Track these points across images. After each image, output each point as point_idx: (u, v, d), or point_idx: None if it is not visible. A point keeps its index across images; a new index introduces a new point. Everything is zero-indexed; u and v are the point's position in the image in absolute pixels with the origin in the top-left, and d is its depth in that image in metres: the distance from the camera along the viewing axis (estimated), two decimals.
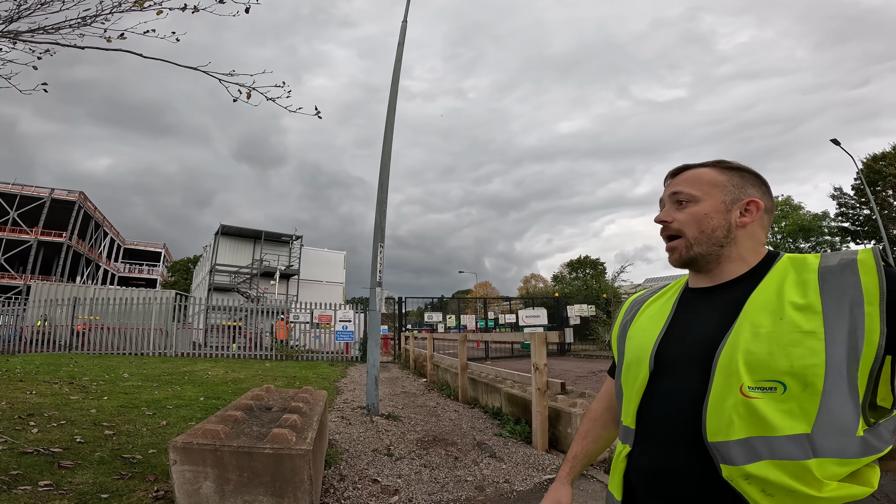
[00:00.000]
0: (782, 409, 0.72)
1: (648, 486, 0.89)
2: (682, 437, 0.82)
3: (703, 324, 0.86)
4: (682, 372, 0.85)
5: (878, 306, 0.70)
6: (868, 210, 28.42)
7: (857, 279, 0.73)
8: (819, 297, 0.74)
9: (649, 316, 0.99)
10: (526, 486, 3.40)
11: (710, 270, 0.91)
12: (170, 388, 7.10)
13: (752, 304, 0.80)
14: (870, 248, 0.77)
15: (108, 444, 3.69)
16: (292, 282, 30.37)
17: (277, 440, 2.41)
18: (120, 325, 15.03)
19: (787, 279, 0.80)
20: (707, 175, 0.92)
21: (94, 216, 38.94)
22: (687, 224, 0.91)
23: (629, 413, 0.93)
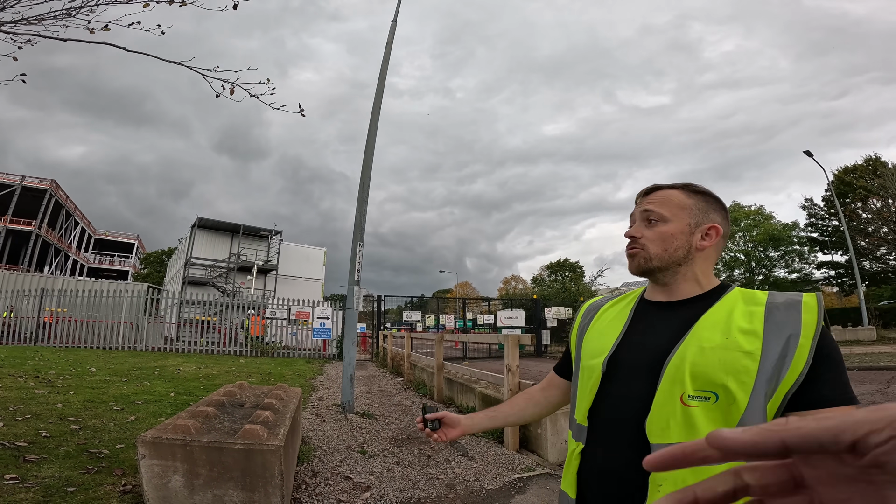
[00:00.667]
0: (711, 417, 0.80)
1: (598, 484, 0.93)
2: (629, 438, 0.88)
3: (657, 335, 0.94)
4: (633, 377, 0.92)
5: (812, 340, 0.79)
6: (837, 221, 29.51)
7: (799, 316, 0.82)
8: (763, 325, 0.83)
9: (607, 321, 1.05)
10: (495, 485, 3.47)
11: (667, 285, 0.99)
12: (139, 383, 6.97)
13: (703, 323, 0.88)
14: (815, 293, 0.86)
15: (74, 439, 3.62)
16: (270, 277, 29.94)
17: (248, 436, 2.42)
18: (88, 318, 14.60)
19: (737, 307, 0.89)
20: (676, 197, 1.00)
21: (65, 205, 37.69)
22: (653, 241, 0.98)
23: (582, 412, 0.99)
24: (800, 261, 35.07)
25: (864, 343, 16.97)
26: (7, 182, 33.04)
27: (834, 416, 0.26)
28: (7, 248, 33.14)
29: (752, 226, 35.89)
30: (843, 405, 0.78)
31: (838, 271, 33.47)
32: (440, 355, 7.34)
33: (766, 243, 34.88)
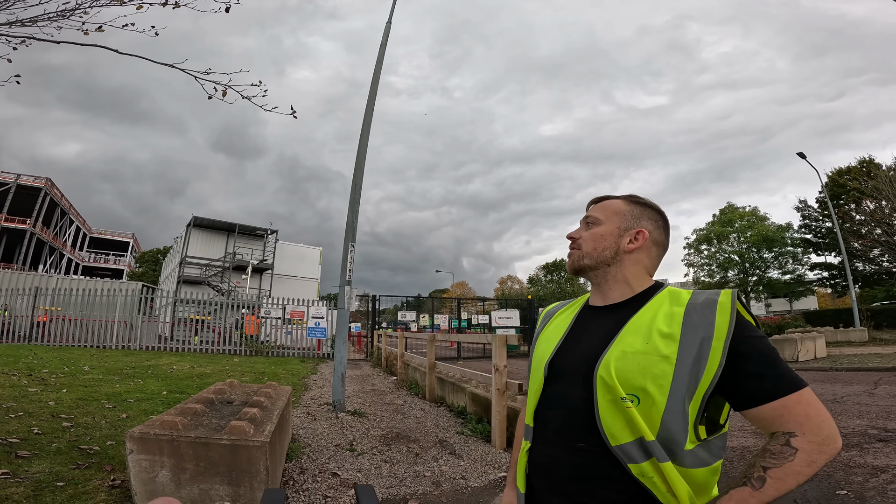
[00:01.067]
0: (643, 417, 0.86)
1: (543, 479, 1.00)
2: (566, 437, 0.95)
3: (590, 339, 1.00)
4: (570, 381, 0.98)
5: (724, 342, 0.84)
6: (830, 223, 29.69)
7: (713, 317, 0.87)
8: (680, 328, 0.88)
9: (554, 327, 1.12)
10: (481, 483, 3.53)
11: (599, 286, 1.06)
12: (132, 381, 7.00)
13: (628, 328, 0.94)
14: (731, 291, 0.90)
15: (65, 436, 3.66)
16: (265, 276, 29.93)
17: (235, 432, 2.47)
18: (82, 317, 14.60)
19: (661, 309, 0.94)
20: (614, 205, 1.08)
21: (60, 203, 37.55)
22: (586, 241, 1.07)
23: (529, 413, 1.06)
24: (793, 262, 35.26)
25: (855, 344, 17.11)
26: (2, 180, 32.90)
27: None
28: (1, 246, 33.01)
29: (747, 227, 36.05)
30: (769, 400, 0.83)
31: (831, 273, 33.67)
32: (432, 355, 7.39)
33: (760, 244, 35.04)
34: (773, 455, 0.81)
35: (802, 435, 0.80)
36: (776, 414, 0.83)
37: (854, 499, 3.13)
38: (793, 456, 0.80)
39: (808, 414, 0.82)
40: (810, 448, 0.79)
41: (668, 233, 1.10)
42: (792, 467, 0.79)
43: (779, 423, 0.83)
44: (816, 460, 0.79)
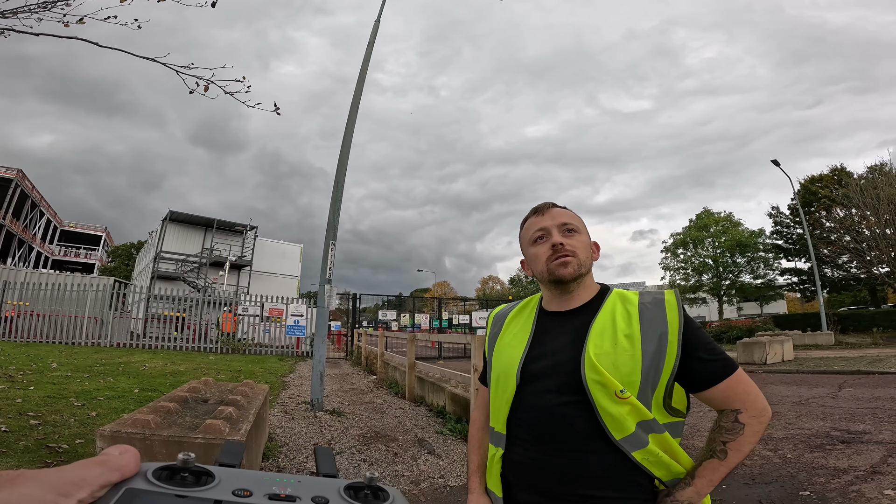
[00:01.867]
0: (637, 402, 0.95)
1: (523, 481, 1.03)
2: (551, 440, 0.99)
3: (559, 344, 1.05)
4: (545, 387, 1.02)
5: (678, 335, 0.96)
6: (801, 229, 30.62)
7: (664, 314, 0.99)
8: (639, 327, 0.99)
9: (513, 334, 1.14)
10: (459, 482, 3.54)
11: (572, 293, 1.10)
12: (102, 379, 6.81)
13: (594, 330, 1.01)
14: (673, 290, 1.04)
15: (33, 434, 3.56)
16: (244, 273, 29.38)
17: (210, 431, 2.43)
18: (51, 312, 14.12)
19: (617, 310, 1.03)
20: (575, 216, 1.15)
21: (31, 195, 36.20)
22: (580, 249, 1.09)
23: (500, 420, 1.08)
24: (765, 267, 36.31)
25: (822, 347, 17.68)
26: None
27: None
28: None
29: (721, 232, 36.96)
30: (716, 382, 0.97)
31: (801, 278, 34.77)
32: (412, 355, 7.38)
33: (734, 249, 35.97)
34: (728, 431, 0.96)
35: (746, 411, 0.96)
36: (723, 395, 0.98)
37: (816, 499, 3.20)
38: (742, 430, 0.95)
39: (746, 392, 0.98)
40: (753, 421, 0.96)
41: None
42: (743, 439, 0.95)
43: (726, 402, 0.98)
44: (758, 430, 0.96)
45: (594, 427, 0.95)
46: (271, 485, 0.36)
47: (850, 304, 34.12)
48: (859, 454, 4.19)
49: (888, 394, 7.34)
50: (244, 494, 0.34)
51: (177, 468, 0.35)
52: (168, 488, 0.33)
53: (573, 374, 0.97)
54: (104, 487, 0.30)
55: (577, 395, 0.96)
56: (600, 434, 0.94)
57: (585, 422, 0.95)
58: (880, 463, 3.94)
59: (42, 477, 0.27)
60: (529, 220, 1.16)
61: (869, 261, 26.07)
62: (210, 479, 0.35)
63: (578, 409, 0.96)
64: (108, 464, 0.31)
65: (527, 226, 1.16)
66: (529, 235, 1.14)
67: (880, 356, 12.72)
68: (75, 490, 0.27)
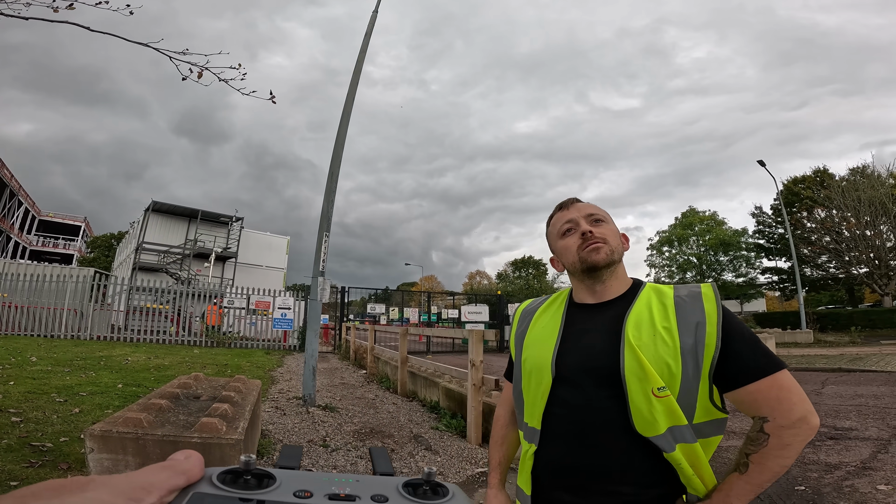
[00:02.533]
0: (672, 404, 0.90)
1: (554, 478, 1.00)
2: (582, 435, 0.96)
3: (592, 337, 1.02)
4: (580, 379, 0.98)
5: (717, 326, 0.91)
6: (783, 229, 31.22)
7: (702, 305, 0.94)
8: (675, 319, 0.94)
9: (542, 327, 1.11)
10: (459, 479, 3.50)
11: (604, 282, 1.07)
12: (83, 373, 6.60)
13: (630, 321, 0.97)
14: (710, 283, 0.99)
15: (15, 432, 3.40)
16: (229, 265, 28.91)
17: (206, 429, 2.33)
18: (30, 304, 13.68)
19: (653, 303, 0.99)
20: (600, 208, 1.13)
21: (9, 184, 35.07)
22: (610, 236, 1.07)
23: (534, 416, 1.04)
24: (746, 265, 37.01)
25: (801, 345, 18.08)
26: None
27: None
28: None
29: (706, 231, 37.57)
30: (763, 376, 0.89)
31: (781, 277, 35.52)
32: (404, 349, 7.30)
33: (718, 248, 36.60)
34: (752, 441, 0.89)
35: (773, 419, 0.87)
36: (751, 398, 0.89)
37: (812, 494, 3.27)
38: (766, 441, 0.86)
39: (779, 398, 0.87)
40: (781, 433, 0.86)
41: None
42: (768, 452, 0.86)
43: (754, 406, 0.90)
44: (790, 443, 0.85)
45: (629, 422, 0.92)
46: (330, 485, 0.36)
47: (827, 304, 34.97)
48: (848, 450, 4.27)
49: (870, 391, 7.50)
50: (305, 496, 0.34)
51: (239, 471, 0.36)
52: (232, 492, 0.33)
53: (611, 366, 0.94)
54: (172, 492, 0.31)
55: (614, 389, 0.93)
56: (634, 430, 0.91)
57: (620, 417, 0.93)
58: (870, 458, 4.03)
59: (112, 482, 0.27)
60: (555, 215, 1.16)
61: (848, 261, 26.74)
62: (271, 481, 0.36)
63: (614, 403, 0.93)
64: (174, 468, 0.32)
65: (553, 221, 1.16)
66: (557, 229, 1.13)
67: (860, 354, 13.04)
68: (144, 495, 0.28)
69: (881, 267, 24.92)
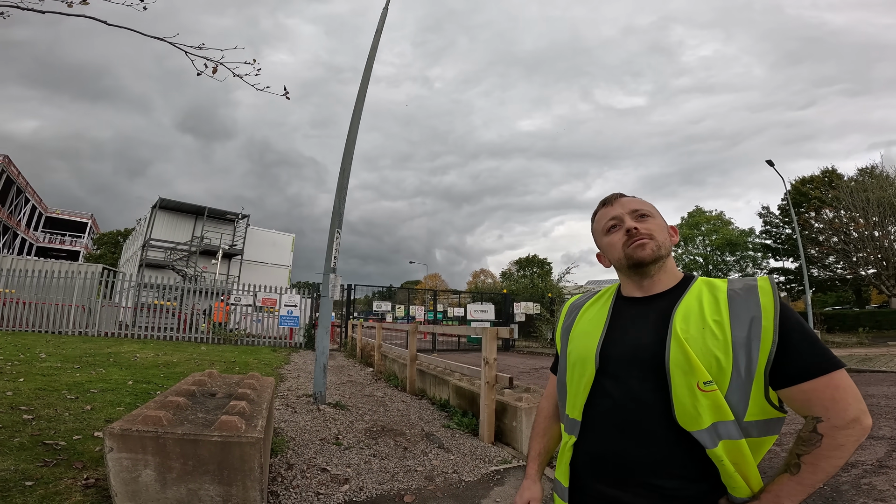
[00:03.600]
0: (718, 399, 0.88)
1: (593, 470, 1.00)
2: (631, 428, 0.95)
3: (638, 329, 1.01)
4: (625, 372, 0.98)
5: (773, 320, 0.87)
6: (790, 230, 31.01)
7: (757, 299, 0.91)
8: (728, 313, 0.92)
9: (588, 320, 1.12)
10: (474, 477, 3.46)
11: (651, 277, 1.06)
12: (93, 370, 6.60)
13: (679, 313, 0.95)
14: (767, 277, 0.96)
15: (27, 430, 3.38)
16: (234, 262, 29.00)
17: (226, 428, 2.30)
18: (38, 301, 13.73)
19: (704, 296, 0.97)
20: (646, 202, 1.11)
21: (16, 181, 35.27)
22: (656, 231, 1.06)
23: (576, 407, 1.04)
24: (753, 266, 36.78)
25: None
26: None
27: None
28: None
29: (712, 230, 37.36)
30: (820, 375, 0.85)
31: (788, 277, 35.29)
32: (413, 346, 7.27)
33: (724, 248, 36.40)
34: (804, 441, 0.87)
35: (827, 420, 0.84)
36: (805, 397, 0.86)
37: (831, 492, 3.28)
38: (819, 442, 0.84)
39: (834, 398, 0.84)
40: (835, 433, 0.83)
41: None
42: (820, 452, 0.84)
43: (807, 406, 0.87)
44: (844, 444, 0.83)
45: (672, 416, 0.90)
46: None
47: (833, 304, 34.73)
48: (863, 449, 4.28)
49: (881, 391, 7.45)
50: None
51: None
52: None
53: (656, 358, 0.93)
54: None
55: (658, 381, 0.92)
56: (676, 424, 0.90)
57: (663, 410, 0.91)
58: (885, 457, 4.05)
59: None
60: (599, 212, 1.15)
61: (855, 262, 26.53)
62: None
63: (658, 395, 0.92)
64: None
65: (597, 218, 1.15)
66: (602, 226, 1.12)
67: (868, 355, 12.94)
68: None
69: (889, 268, 24.69)
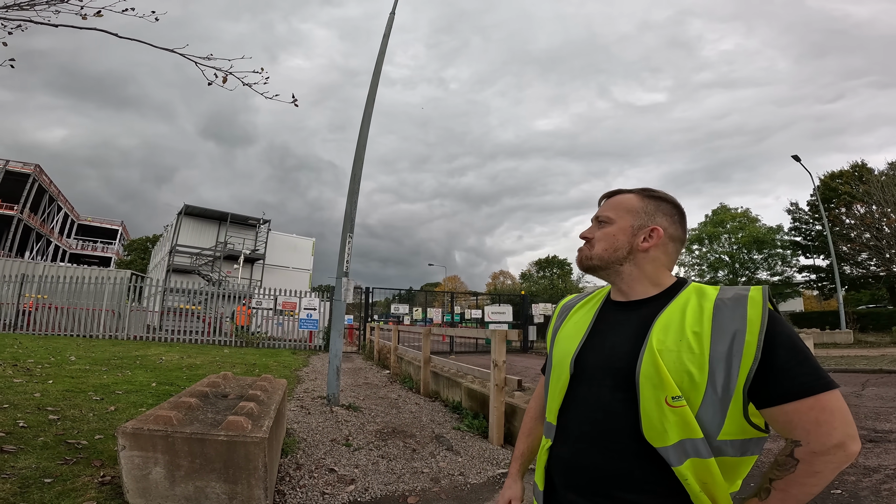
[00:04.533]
0: (687, 415, 0.84)
1: (563, 477, 0.99)
2: (597, 438, 0.93)
3: (617, 337, 0.97)
4: (599, 380, 0.95)
5: (758, 335, 0.81)
6: (820, 226, 30.00)
7: (744, 311, 0.85)
8: (710, 324, 0.86)
9: (573, 323, 1.09)
10: (480, 480, 3.49)
11: (617, 285, 1.04)
12: (119, 372, 6.86)
13: (658, 324, 0.91)
14: (761, 287, 0.88)
15: (52, 429, 3.55)
16: (257, 266, 29.64)
17: (232, 427, 2.40)
18: (69, 305, 14.31)
19: (689, 306, 0.91)
20: (627, 201, 1.05)
21: (48, 190, 36.86)
22: (599, 240, 1.04)
23: (552, 411, 1.03)
24: (782, 264, 35.67)
25: (840, 346, 17.35)
26: None
27: None
28: None
29: (738, 228, 36.38)
30: (805, 396, 0.79)
31: (819, 275, 34.10)
32: (427, 349, 7.33)
33: (751, 246, 35.39)
34: (779, 466, 0.82)
35: (807, 444, 0.79)
36: (786, 419, 0.81)
37: (849, 498, 3.17)
38: (794, 467, 0.79)
39: (818, 421, 0.78)
40: (812, 459, 0.78)
41: (685, 226, 1.08)
42: (793, 479, 0.79)
43: (788, 428, 0.81)
44: (821, 471, 0.78)
45: (640, 429, 0.88)
46: None
47: (867, 303, 33.41)
48: (888, 453, 4.13)
49: None
50: None
51: None
52: None
53: (627, 369, 0.90)
54: None
55: (629, 392, 0.89)
56: (643, 437, 0.87)
57: (632, 422, 0.89)
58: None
59: None
60: None
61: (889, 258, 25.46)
62: None
63: (627, 405, 0.89)
64: None
65: None
66: None
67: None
68: None
69: None
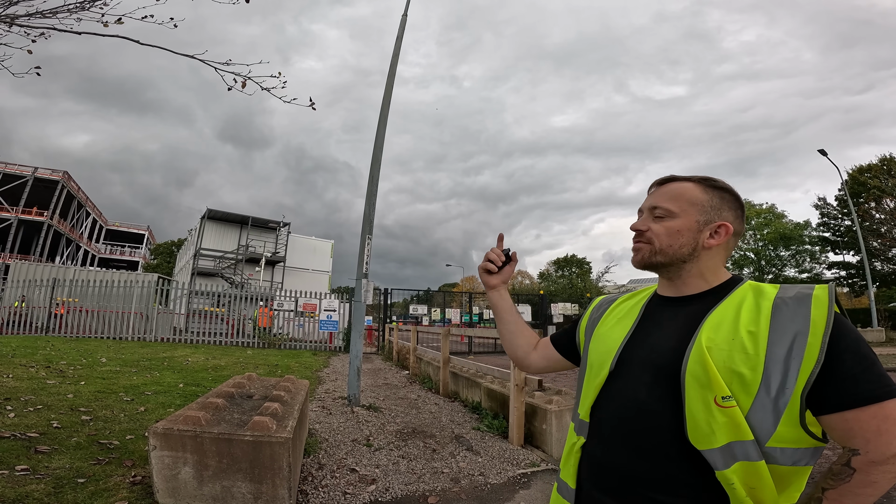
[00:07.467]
0: (736, 417, 0.78)
1: (594, 477, 0.95)
2: (631, 437, 0.89)
3: (664, 333, 0.92)
4: (635, 375, 0.91)
5: (822, 338, 0.76)
6: (849, 221, 29.06)
7: (807, 311, 0.79)
8: (768, 324, 0.80)
9: (617, 318, 1.04)
10: (500, 480, 3.49)
11: (673, 281, 0.98)
12: (148, 373, 7.06)
13: (709, 322, 0.86)
14: (826, 285, 0.82)
15: (84, 430, 3.68)
16: (277, 269, 30.12)
17: (258, 428, 2.45)
18: (99, 308, 14.79)
19: (745, 304, 0.86)
20: (689, 192, 0.96)
21: (77, 196, 38.14)
22: (659, 235, 0.96)
23: (585, 408, 0.99)
24: (811, 260, 34.67)
25: (872, 344, 16.76)
26: (19, 173, 33.47)
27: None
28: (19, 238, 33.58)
29: (763, 224, 35.51)
30: (868, 403, 0.74)
31: (849, 272, 33.05)
32: (446, 349, 7.35)
33: (777, 242, 34.50)
34: (833, 475, 0.77)
35: (865, 454, 0.74)
36: (846, 426, 0.75)
37: (882, 498, 3.05)
38: (849, 477, 0.75)
39: (879, 430, 0.73)
40: (869, 468, 0.74)
41: (745, 218, 1.00)
42: (848, 489, 0.75)
43: (846, 436, 0.76)
44: (877, 481, 0.73)
45: (682, 430, 0.82)
46: None
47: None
48: None
49: None
50: None
51: None
52: None
53: (671, 366, 0.85)
54: None
55: (671, 390, 0.84)
56: (686, 439, 0.82)
57: (673, 422, 0.83)
58: None
59: None
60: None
61: None
62: None
63: (667, 405, 0.85)
64: None
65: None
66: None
67: None
68: None
69: None
